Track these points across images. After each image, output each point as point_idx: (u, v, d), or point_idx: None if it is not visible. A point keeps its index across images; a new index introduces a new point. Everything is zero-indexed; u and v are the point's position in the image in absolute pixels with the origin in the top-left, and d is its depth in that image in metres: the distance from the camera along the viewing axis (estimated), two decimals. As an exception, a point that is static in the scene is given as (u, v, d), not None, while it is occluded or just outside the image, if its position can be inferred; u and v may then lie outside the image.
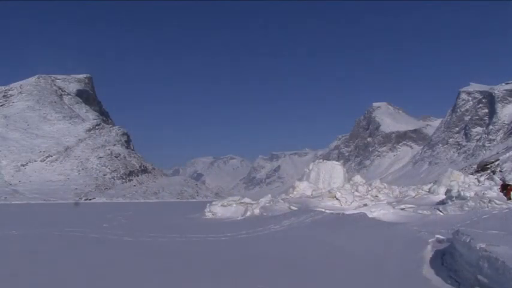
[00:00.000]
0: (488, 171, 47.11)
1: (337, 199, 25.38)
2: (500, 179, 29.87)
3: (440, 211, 18.96)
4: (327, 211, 20.18)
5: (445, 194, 23.54)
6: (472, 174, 47.93)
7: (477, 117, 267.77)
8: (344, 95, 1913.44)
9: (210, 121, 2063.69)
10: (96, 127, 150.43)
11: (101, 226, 17.14)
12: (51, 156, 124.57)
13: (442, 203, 22.13)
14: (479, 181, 30.04)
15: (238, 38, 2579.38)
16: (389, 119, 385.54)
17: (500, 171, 44.03)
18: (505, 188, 21.81)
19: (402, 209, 21.29)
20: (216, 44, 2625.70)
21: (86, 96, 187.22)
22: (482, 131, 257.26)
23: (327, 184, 30.06)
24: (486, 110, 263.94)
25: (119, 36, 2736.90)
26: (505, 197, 20.61)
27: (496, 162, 52.42)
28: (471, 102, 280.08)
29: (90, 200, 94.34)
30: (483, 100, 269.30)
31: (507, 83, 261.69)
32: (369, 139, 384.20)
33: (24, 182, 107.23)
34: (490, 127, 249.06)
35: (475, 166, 73.69)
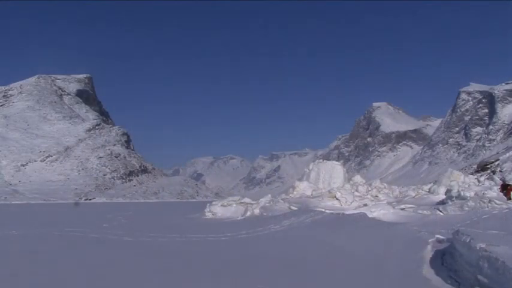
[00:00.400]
0: (488, 171, 47.11)
1: (337, 199, 25.38)
2: (500, 179, 29.86)
3: (440, 211, 18.96)
4: (327, 211, 20.18)
5: (445, 194, 23.54)
6: (472, 174, 47.93)
7: (477, 117, 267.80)
8: (344, 95, 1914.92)
9: (210, 121, 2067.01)
10: (96, 127, 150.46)
11: (101, 226, 17.14)
12: (51, 156, 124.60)
13: (442, 203, 22.13)
14: (479, 181, 30.03)
15: (238, 38, 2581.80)
16: (390, 119, 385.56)
17: (500, 171, 44.03)
18: (505, 188, 21.81)
19: (402, 209, 21.29)
20: (216, 44, 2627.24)
21: (86, 96, 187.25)
22: (482, 131, 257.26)
23: (327, 184, 30.06)
24: (486, 110, 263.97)
25: (119, 36, 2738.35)
26: (505, 197, 20.61)
27: (496, 162, 52.42)
28: (471, 102, 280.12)
29: (90, 200, 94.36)
30: (483, 100, 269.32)
31: (507, 83, 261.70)
32: (369, 139, 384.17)
33: (24, 182, 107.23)
34: (490, 127, 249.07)
35: (475, 166, 73.70)
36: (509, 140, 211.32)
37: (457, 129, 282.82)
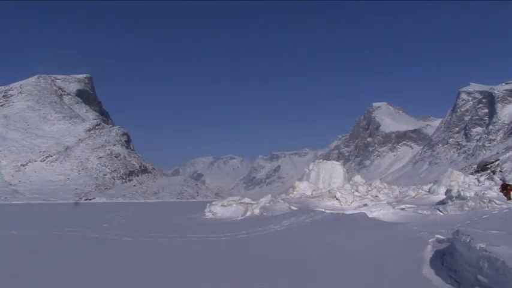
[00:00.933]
0: (488, 171, 47.11)
1: (337, 199, 25.38)
2: (500, 179, 29.86)
3: (440, 211, 18.96)
4: (327, 211, 20.18)
5: (445, 194, 23.54)
6: (472, 174, 47.92)
7: (477, 117, 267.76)
8: (344, 95, 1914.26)
9: (210, 121, 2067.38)
10: (96, 127, 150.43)
11: (101, 226, 17.14)
12: (51, 156, 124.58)
13: (442, 203, 22.13)
14: (479, 181, 30.03)
15: (238, 38, 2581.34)
16: (390, 119, 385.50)
17: (500, 171, 44.02)
18: (505, 188, 21.81)
19: (402, 209, 21.29)
20: (216, 44, 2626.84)
21: (86, 96, 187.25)
22: (482, 131, 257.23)
23: (327, 184, 30.05)
24: (486, 110, 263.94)
25: (119, 36, 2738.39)
26: (505, 197, 20.60)
27: (496, 162, 52.41)
28: (471, 102, 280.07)
29: (90, 200, 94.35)
30: (483, 100, 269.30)
31: (507, 83, 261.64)
32: (369, 139, 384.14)
33: (24, 182, 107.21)
34: (490, 127, 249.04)
35: (475, 166, 73.69)
36: (509, 140, 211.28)
37: (457, 129, 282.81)
